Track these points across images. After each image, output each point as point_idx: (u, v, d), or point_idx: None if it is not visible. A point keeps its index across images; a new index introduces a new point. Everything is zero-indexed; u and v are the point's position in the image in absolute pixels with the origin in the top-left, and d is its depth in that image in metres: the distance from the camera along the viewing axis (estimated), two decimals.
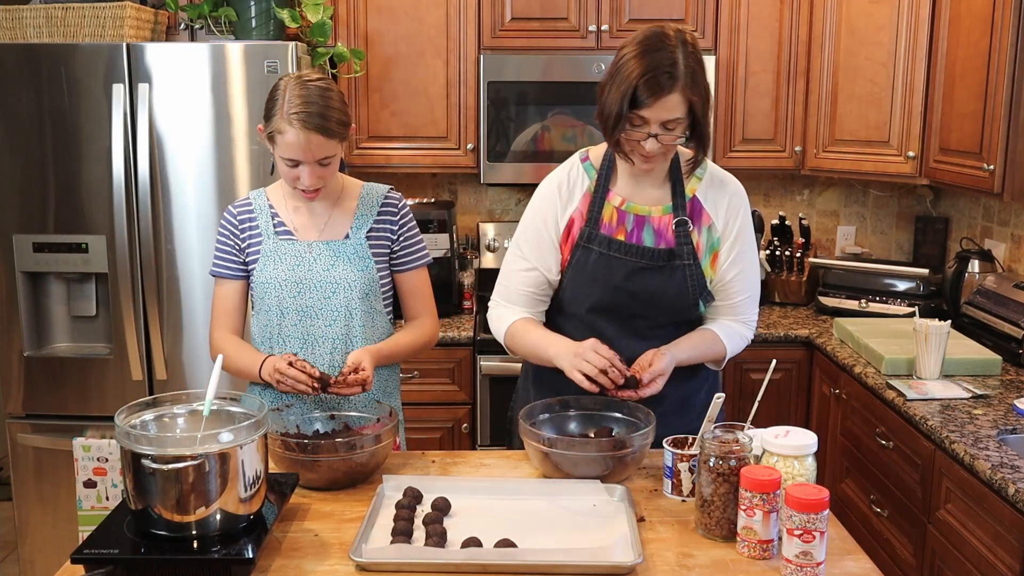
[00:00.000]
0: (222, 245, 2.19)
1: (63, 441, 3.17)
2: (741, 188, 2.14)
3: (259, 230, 2.16)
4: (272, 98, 2.04)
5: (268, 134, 2.04)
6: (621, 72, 1.91)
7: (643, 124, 1.93)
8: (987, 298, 3.12)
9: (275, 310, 2.14)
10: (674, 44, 1.91)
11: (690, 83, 1.91)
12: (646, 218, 2.09)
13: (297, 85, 2.01)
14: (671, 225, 2.08)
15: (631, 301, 2.09)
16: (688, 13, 3.56)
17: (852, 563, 1.62)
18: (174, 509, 1.52)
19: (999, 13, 2.80)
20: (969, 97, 2.99)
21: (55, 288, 3.25)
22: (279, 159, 2.05)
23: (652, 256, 2.06)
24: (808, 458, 1.68)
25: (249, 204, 2.20)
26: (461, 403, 3.45)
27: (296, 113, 1.97)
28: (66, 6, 3.09)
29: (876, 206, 4.05)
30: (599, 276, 2.08)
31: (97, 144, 3.08)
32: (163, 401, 1.70)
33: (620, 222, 2.09)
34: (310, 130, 1.98)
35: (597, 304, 2.10)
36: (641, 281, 2.07)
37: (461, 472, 2.01)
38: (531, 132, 3.57)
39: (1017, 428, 2.37)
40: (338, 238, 2.17)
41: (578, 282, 2.11)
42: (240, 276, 2.19)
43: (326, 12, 3.24)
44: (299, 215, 2.18)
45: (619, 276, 2.07)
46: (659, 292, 2.07)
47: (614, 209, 2.09)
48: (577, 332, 2.11)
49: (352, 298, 2.14)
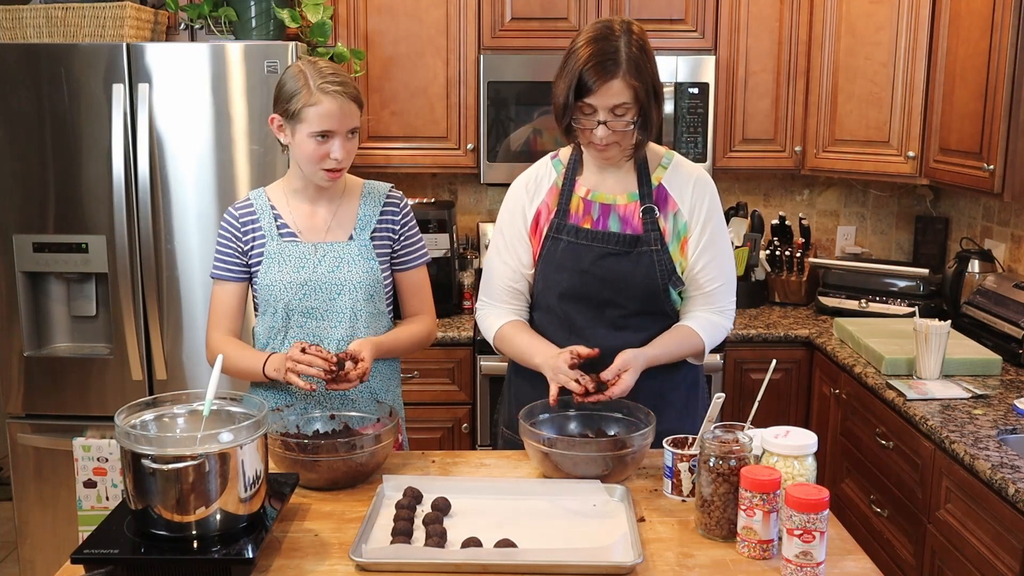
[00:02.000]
0: (223, 247, 2.17)
1: (63, 441, 3.17)
2: (706, 176, 2.19)
3: (262, 231, 2.15)
4: (288, 82, 2.06)
5: (292, 115, 2.04)
6: (569, 62, 2.01)
7: (592, 112, 2.00)
8: (987, 298, 3.12)
9: (280, 312, 2.14)
10: (618, 34, 1.99)
11: (633, 69, 1.98)
12: (611, 206, 2.14)
13: (311, 64, 2.06)
14: (637, 212, 2.12)
15: (600, 287, 2.12)
16: (688, 13, 3.56)
17: (852, 563, 1.62)
18: (174, 509, 1.52)
19: (999, 13, 2.80)
20: (969, 97, 2.99)
21: (55, 288, 3.25)
22: (305, 139, 2.04)
23: (618, 241, 2.11)
24: (808, 458, 1.68)
25: (250, 205, 2.18)
26: (461, 403, 3.45)
27: (327, 81, 2.02)
28: (66, 6, 3.09)
29: (876, 206, 4.05)
30: (567, 263, 2.13)
31: (97, 144, 3.08)
32: (163, 401, 1.70)
33: (587, 211, 2.15)
34: (345, 96, 2.03)
35: (567, 291, 2.13)
36: (608, 266, 2.10)
37: (461, 472, 2.01)
38: (531, 132, 3.57)
39: (1017, 428, 2.37)
40: (343, 239, 2.17)
41: (548, 271, 2.15)
42: (241, 278, 2.18)
43: (326, 12, 3.24)
44: (302, 216, 2.18)
45: (586, 262, 2.11)
46: (627, 277, 2.10)
47: (580, 199, 2.16)
48: (550, 323, 2.16)
49: (357, 299, 2.14)
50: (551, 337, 2.15)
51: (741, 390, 3.41)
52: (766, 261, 3.86)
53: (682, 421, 2.12)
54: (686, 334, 2.14)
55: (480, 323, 2.27)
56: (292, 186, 2.19)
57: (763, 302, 3.88)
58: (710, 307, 2.17)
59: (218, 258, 2.18)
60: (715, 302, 2.17)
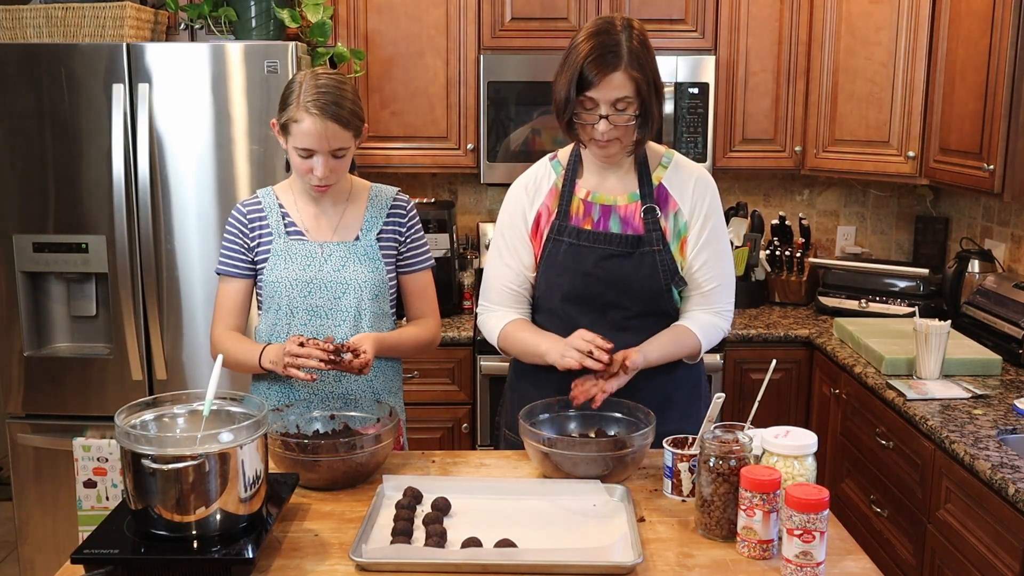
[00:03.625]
0: (230, 243, 2.18)
1: (63, 441, 3.17)
2: (707, 175, 2.19)
3: (269, 228, 2.16)
4: (288, 91, 2.08)
5: (283, 124, 2.06)
6: (570, 57, 2.02)
7: (594, 107, 2.00)
8: (987, 298, 3.12)
9: (284, 309, 2.15)
10: (619, 29, 2.00)
11: (635, 62, 1.98)
12: (612, 207, 2.14)
13: (313, 77, 2.06)
14: (638, 212, 2.12)
15: (603, 289, 2.12)
16: (688, 13, 3.56)
17: (852, 563, 1.62)
18: (174, 509, 1.52)
19: (999, 13, 2.80)
20: (969, 97, 2.99)
21: (55, 288, 3.25)
22: (293, 151, 2.07)
23: (620, 242, 2.11)
24: (808, 458, 1.68)
25: (259, 202, 2.19)
26: (461, 403, 3.45)
27: (312, 100, 2.02)
28: (66, 6, 3.09)
29: (876, 206, 4.05)
30: (569, 265, 2.12)
31: (97, 144, 3.08)
32: (163, 401, 1.70)
33: (587, 213, 2.15)
34: (326, 118, 2.02)
35: (569, 293, 2.14)
36: (611, 268, 2.10)
37: (461, 472, 2.01)
38: (530, 132, 3.57)
39: (1017, 428, 2.37)
40: (349, 239, 2.18)
41: (550, 274, 2.15)
42: (247, 275, 2.19)
43: (326, 12, 3.24)
44: (309, 215, 2.19)
45: (589, 264, 2.11)
46: (630, 278, 2.11)
47: (580, 201, 2.16)
48: (553, 326, 2.16)
49: (362, 299, 2.16)
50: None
51: (741, 390, 3.41)
52: (766, 261, 3.86)
53: (684, 422, 2.12)
54: (682, 333, 2.14)
55: (482, 327, 2.26)
56: (298, 186, 2.20)
57: (763, 302, 3.88)
58: (707, 308, 2.17)
59: (224, 254, 2.19)
60: (713, 303, 2.17)
